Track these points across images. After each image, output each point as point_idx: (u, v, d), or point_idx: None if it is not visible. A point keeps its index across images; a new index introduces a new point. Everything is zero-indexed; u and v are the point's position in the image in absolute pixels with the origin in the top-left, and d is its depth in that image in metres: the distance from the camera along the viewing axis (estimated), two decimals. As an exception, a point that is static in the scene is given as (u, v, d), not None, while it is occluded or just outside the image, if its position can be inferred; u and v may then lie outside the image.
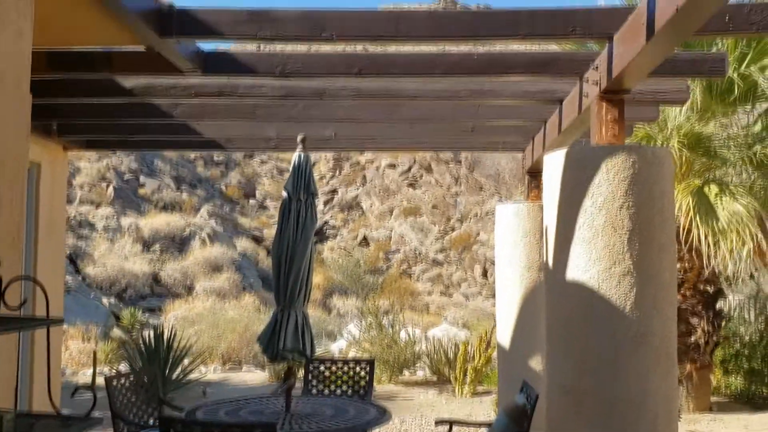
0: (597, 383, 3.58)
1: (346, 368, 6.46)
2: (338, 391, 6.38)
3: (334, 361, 6.59)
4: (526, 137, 6.33)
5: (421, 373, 11.66)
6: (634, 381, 3.54)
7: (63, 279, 6.91)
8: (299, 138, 5.05)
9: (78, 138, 6.78)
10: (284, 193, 5.15)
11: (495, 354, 10.45)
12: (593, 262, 3.60)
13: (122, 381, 5.41)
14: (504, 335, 6.47)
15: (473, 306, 28.66)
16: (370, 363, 6.46)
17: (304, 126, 5.81)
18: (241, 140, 6.55)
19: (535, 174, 6.60)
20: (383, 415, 4.97)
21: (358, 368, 6.44)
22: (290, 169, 5.13)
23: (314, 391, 6.38)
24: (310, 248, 5.10)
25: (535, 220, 6.29)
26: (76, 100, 5.55)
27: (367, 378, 6.39)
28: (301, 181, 5.08)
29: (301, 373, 6.77)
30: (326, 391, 6.37)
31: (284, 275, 5.02)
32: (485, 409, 9.09)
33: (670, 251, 3.70)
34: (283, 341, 4.93)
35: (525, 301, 6.28)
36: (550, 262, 3.89)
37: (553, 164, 3.85)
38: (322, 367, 6.47)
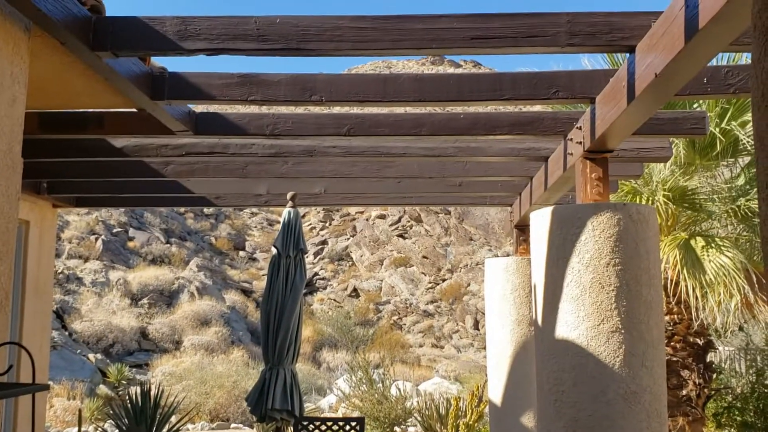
0: (589, 442, 3.55)
1: (335, 428, 6.38)
2: (328, 451, 6.30)
3: (323, 421, 6.51)
4: (514, 192, 6.40)
5: (413, 430, 11.50)
6: (626, 440, 3.52)
7: (49, 339, 6.83)
8: (289, 195, 5.11)
9: (67, 196, 6.79)
10: (274, 250, 5.18)
11: (487, 409, 10.35)
12: (582, 320, 3.62)
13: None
14: (495, 390, 6.42)
15: (465, 358, 28.44)
16: (360, 422, 6.39)
17: (293, 183, 5.87)
18: (231, 197, 6.59)
19: (523, 228, 6.66)
20: (374, 476, 4.90)
21: (348, 428, 6.36)
22: (280, 225, 5.17)
23: (303, 450, 6.29)
24: (299, 305, 5.11)
25: (524, 274, 6.32)
26: (66, 159, 5.59)
27: (358, 437, 6.31)
28: (291, 237, 5.11)
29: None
30: (316, 451, 6.29)
31: (273, 333, 5.01)
32: (478, 467, 8.95)
33: (658, 308, 3.72)
34: (272, 401, 4.89)
35: (516, 355, 6.26)
36: (539, 320, 3.91)
37: (539, 222, 3.89)
38: (311, 427, 6.40)
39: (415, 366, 26.07)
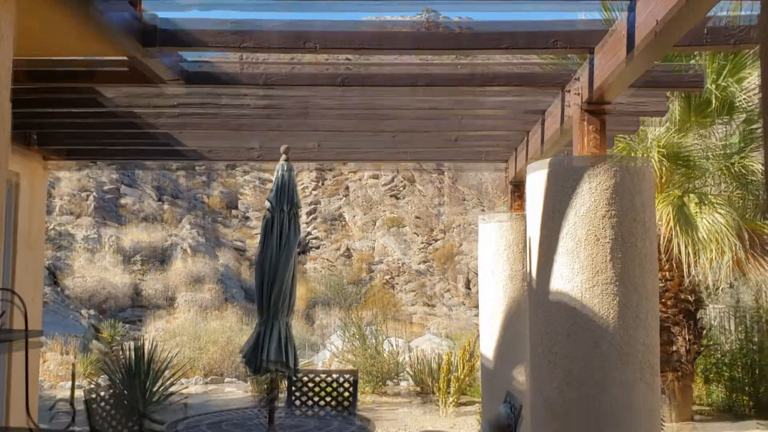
0: (582, 395, 3.58)
1: (329, 380, 6.42)
2: (322, 403, 6.35)
3: (317, 374, 6.54)
4: (509, 148, 6.36)
5: (405, 384, 11.64)
6: (619, 392, 3.55)
7: (41, 293, 6.82)
8: (282, 149, 5.04)
9: (58, 148, 6.71)
10: (267, 205, 5.13)
11: (478, 364, 10.46)
12: (576, 272, 3.62)
13: (102, 395, 5.34)
14: (487, 346, 6.48)
15: (456, 317, 28.69)
16: (354, 374, 6.43)
17: (287, 137, 5.80)
18: (223, 151, 6.52)
19: (517, 185, 6.63)
20: (366, 429, 4.94)
21: (341, 380, 6.40)
22: (273, 180, 5.12)
23: (298, 403, 6.33)
24: (293, 260, 5.08)
25: (517, 231, 6.32)
26: (56, 111, 5.50)
27: (351, 390, 6.36)
28: (285, 192, 5.06)
29: (284, 385, 6.72)
30: (310, 403, 6.34)
31: (267, 287, 4.99)
32: (469, 421, 9.08)
33: (652, 261, 3.72)
34: (267, 354, 4.89)
35: (508, 311, 6.30)
36: (534, 273, 3.91)
37: (536, 175, 3.87)
38: (305, 379, 6.44)
39: (407, 324, 26.31)
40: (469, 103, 4.80)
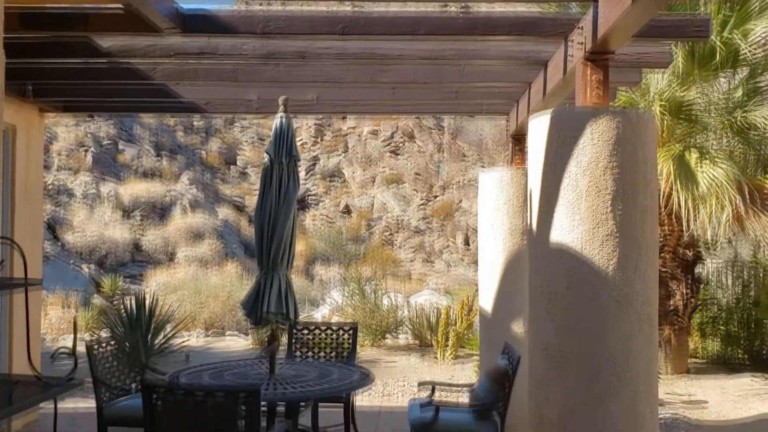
0: (580, 345, 3.60)
1: (329, 332, 6.48)
2: (322, 355, 6.42)
3: (317, 326, 6.59)
4: (511, 101, 6.30)
5: (404, 338, 11.75)
6: (617, 342, 3.57)
7: (41, 244, 6.82)
8: (281, 100, 4.98)
9: (54, 101, 6.64)
10: (266, 157, 5.09)
11: (477, 319, 10.56)
12: (576, 224, 3.61)
13: (104, 346, 5.38)
14: (486, 300, 6.51)
15: (455, 273, 28.86)
16: (354, 327, 6.48)
17: (285, 89, 5.72)
18: (221, 103, 6.45)
19: (519, 138, 6.59)
20: (366, 378, 5.00)
21: (341, 332, 6.46)
22: (272, 132, 5.06)
23: (298, 354, 6.40)
24: (292, 213, 5.06)
25: (518, 185, 6.29)
26: (51, 61, 5.42)
27: (351, 342, 6.42)
28: (283, 144, 5.01)
29: (285, 339, 6.78)
30: (310, 355, 6.40)
31: (267, 240, 4.99)
32: (467, 373, 9.20)
33: (653, 214, 3.71)
34: (267, 305, 4.91)
35: (507, 265, 6.31)
36: (534, 225, 3.90)
37: (538, 126, 3.83)
38: (305, 332, 6.49)
39: (406, 280, 26.47)
40: (470, 53, 4.73)
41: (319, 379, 4.92)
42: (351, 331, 6.44)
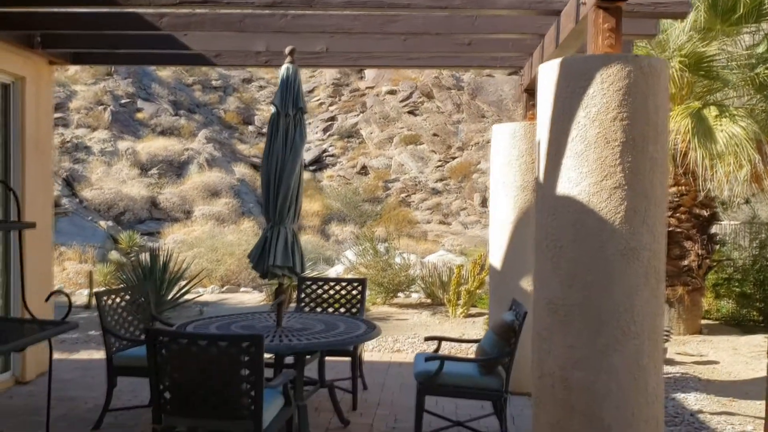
0: (585, 298, 3.56)
1: (338, 287, 6.49)
2: (330, 310, 6.44)
3: (326, 281, 6.60)
4: (524, 54, 6.16)
5: (416, 296, 11.79)
6: (623, 296, 3.52)
7: (52, 199, 6.85)
8: (287, 50, 4.90)
9: (63, 51, 6.59)
10: (272, 109, 5.04)
11: (489, 277, 10.54)
12: (584, 176, 3.53)
13: (113, 298, 5.43)
14: (496, 256, 6.47)
15: (471, 234, 28.79)
16: (362, 282, 6.49)
17: (293, 38, 5.63)
18: (229, 54, 6.37)
19: (532, 92, 6.46)
20: (373, 330, 5.00)
21: (350, 287, 6.47)
22: (279, 82, 4.99)
23: (307, 309, 6.42)
24: (299, 165, 5.03)
25: (530, 140, 6.20)
26: (59, 10, 5.37)
27: (360, 297, 6.43)
28: (290, 95, 4.95)
29: (295, 294, 6.82)
30: (318, 310, 6.43)
31: (273, 192, 4.96)
32: (477, 330, 9.22)
33: (663, 167, 3.62)
34: (273, 258, 4.91)
35: (518, 222, 6.25)
36: (541, 177, 3.82)
37: (547, 75, 3.73)
38: (314, 287, 6.50)
39: (422, 240, 26.50)
40: (481, 1, 4.59)
41: (326, 332, 4.93)
42: (360, 287, 6.44)
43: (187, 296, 11.07)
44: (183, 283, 10.47)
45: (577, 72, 3.56)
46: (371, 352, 7.94)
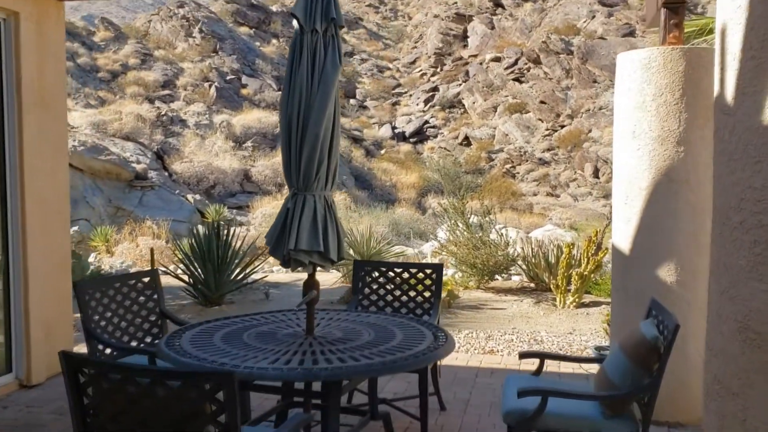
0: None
1: (406, 275, 4.93)
2: (396, 304, 4.90)
3: (390, 266, 5.05)
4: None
5: (516, 278, 10.05)
6: None
7: (66, 163, 5.65)
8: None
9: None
10: (294, 24, 3.49)
11: (607, 258, 8.62)
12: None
13: (103, 289, 4.13)
14: (621, 236, 4.68)
15: (582, 207, 26.46)
16: (437, 269, 4.88)
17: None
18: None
19: (674, 7, 4.60)
20: (441, 346, 3.40)
21: (421, 275, 4.90)
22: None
23: (366, 303, 4.92)
24: (332, 104, 3.45)
25: (673, 72, 4.37)
26: None
27: (434, 288, 4.85)
28: (317, 2, 3.40)
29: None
30: (382, 304, 4.91)
31: (297, 145, 3.43)
32: (593, 326, 7.42)
33: None
34: (296, 239, 3.40)
35: (656, 186, 4.45)
36: (730, 98, 2.09)
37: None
38: (376, 273, 4.98)
39: (526, 214, 24.53)
40: None
41: (373, 345, 3.39)
42: (434, 275, 4.85)
43: (255, 276, 9.86)
44: (246, 260, 9.22)
45: None
46: (454, 353, 6.32)
